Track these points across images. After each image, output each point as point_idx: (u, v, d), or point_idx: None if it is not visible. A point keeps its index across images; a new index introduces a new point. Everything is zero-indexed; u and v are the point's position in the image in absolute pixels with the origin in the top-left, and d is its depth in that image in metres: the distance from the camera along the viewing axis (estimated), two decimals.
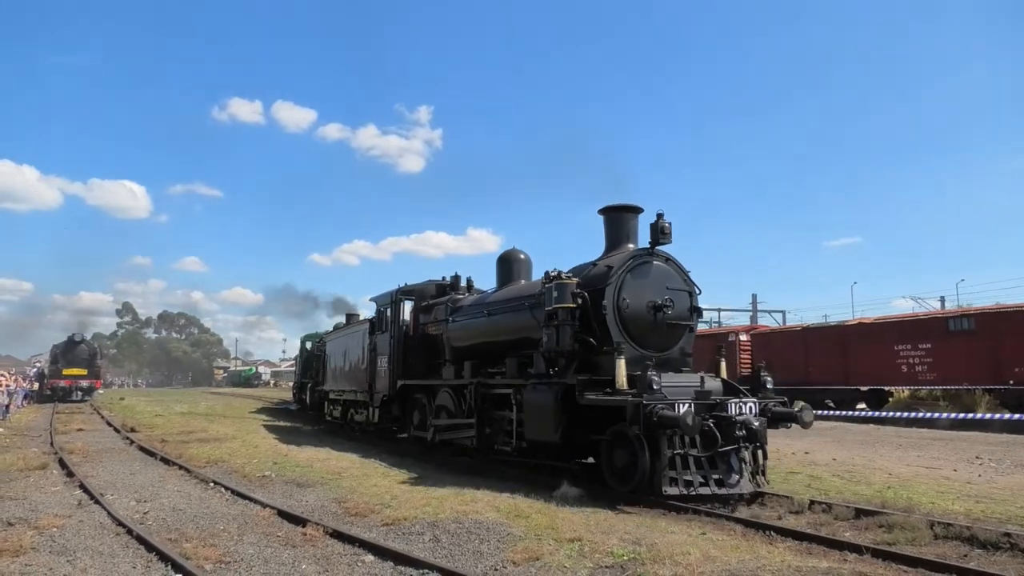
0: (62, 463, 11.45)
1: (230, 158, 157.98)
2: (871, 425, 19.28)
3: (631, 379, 8.45)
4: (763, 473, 8.64)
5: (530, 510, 7.49)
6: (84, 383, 34.81)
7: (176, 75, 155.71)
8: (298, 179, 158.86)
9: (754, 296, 56.27)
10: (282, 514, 7.40)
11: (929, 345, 20.60)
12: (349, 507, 7.78)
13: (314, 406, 22.62)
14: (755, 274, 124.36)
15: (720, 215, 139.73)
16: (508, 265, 12.88)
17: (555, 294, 9.47)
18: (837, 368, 22.97)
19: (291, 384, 36.52)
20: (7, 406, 20.61)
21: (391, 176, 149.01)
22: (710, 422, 8.12)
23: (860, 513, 7.37)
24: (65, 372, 34.58)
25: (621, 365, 8.51)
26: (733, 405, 8.43)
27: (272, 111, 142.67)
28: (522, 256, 12.95)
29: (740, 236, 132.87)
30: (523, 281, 12.24)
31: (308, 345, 26.27)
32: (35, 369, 39.56)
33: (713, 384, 9.30)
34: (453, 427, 11.95)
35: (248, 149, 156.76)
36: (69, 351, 35.56)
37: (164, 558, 5.63)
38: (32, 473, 10.47)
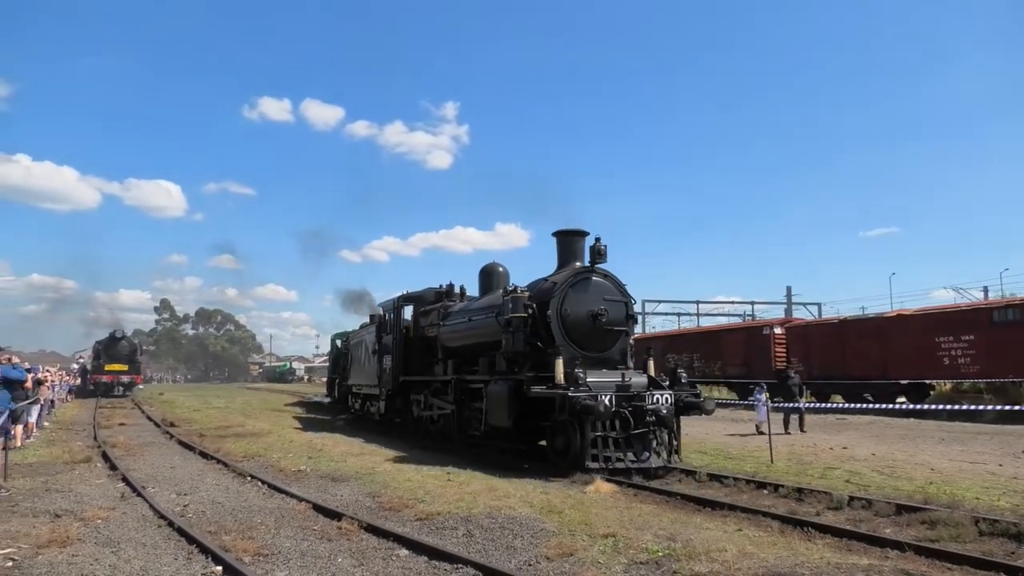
0: (105, 456, 11.76)
1: (261, 156, 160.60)
2: (912, 419, 18.87)
3: (567, 375, 10.01)
4: (677, 452, 10.45)
5: (563, 505, 7.48)
6: (125, 378, 35.76)
7: (207, 75, 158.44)
8: (327, 176, 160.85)
9: (788, 289, 55.41)
10: (318, 508, 7.49)
11: (972, 337, 20.05)
12: (383, 501, 7.85)
13: (341, 399, 23.91)
14: (789, 266, 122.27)
15: (752, 206, 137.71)
16: (488, 277, 14.73)
17: (510, 306, 11.36)
18: (876, 361, 22.50)
19: (324, 380, 37.51)
20: (52, 401, 21.21)
21: (419, 172, 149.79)
22: (627, 410, 9.85)
23: (901, 509, 7.22)
24: (107, 368, 35.55)
25: (559, 364, 10.14)
26: (649, 396, 10.11)
27: (301, 109, 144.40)
28: (500, 269, 14.81)
29: (774, 228, 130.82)
30: (500, 291, 13.24)
31: (338, 343, 27.19)
32: (78, 365, 40.62)
33: (637, 379, 10.83)
34: (440, 416, 13.92)
35: (278, 147, 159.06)
36: (111, 347, 36.50)
37: (204, 550, 5.74)
38: (77, 466, 10.77)
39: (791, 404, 15.66)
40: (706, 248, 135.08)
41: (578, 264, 11.86)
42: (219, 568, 5.29)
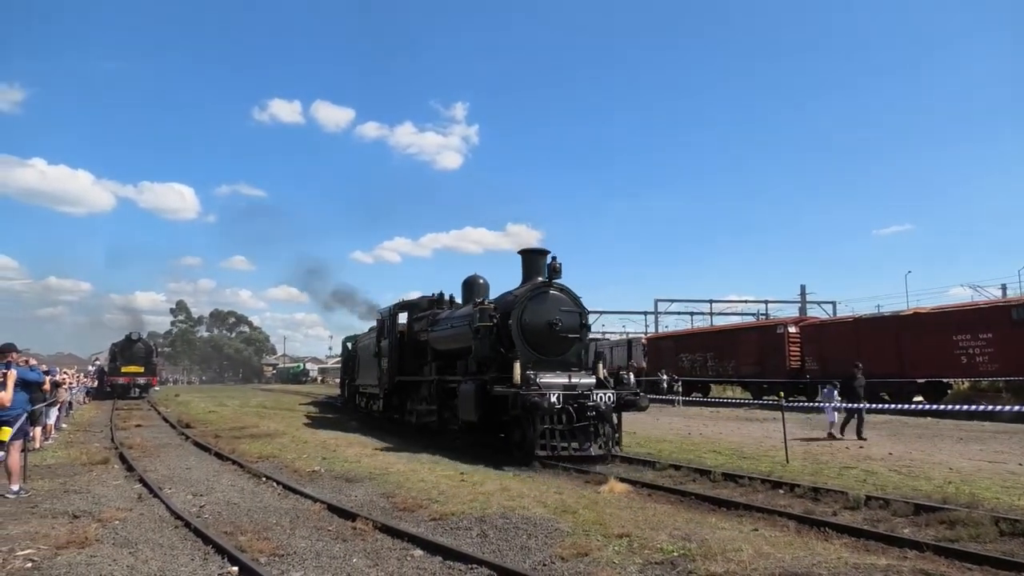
0: (122, 458, 11.87)
1: (273, 158, 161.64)
2: (929, 418, 18.67)
3: (523, 376, 11.49)
4: (617, 443, 11.97)
5: (577, 505, 7.46)
6: (141, 380, 35.99)
7: (217, 77, 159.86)
8: (339, 178, 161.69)
9: (803, 287, 55.11)
10: (332, 508, 7.51)
11: (990, 335, 19.83)
12: (397, 502, 7.86)
13: (351, 399, 25.41)
14: (803, 265, 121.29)
15: (766, 204, 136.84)
16: (470, 288, 16.10)
17: (478, 316, 12.91)
18: (892, 360, 22.28)
19: (337, 380, 38.02)
20: (70, 403, 21.42)
21: (429, 173, 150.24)
22: (572, 407, 11.22)
23: (920, 509, 7.15)
24: (123, 369, 35.78)
25: (516, 366, 11.56)
26: (593, 395, 11.45)
27: (311, 111, 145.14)
28: (480, 281, 16.14)
29: (787, 226, 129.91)
30: (479, 301, 14.54)
31: (348, 346, 28.16)
32: (95, 367, 40.98)
33: (585, 380, 12.17)
34: (426, 412, 15.33)
35: (290, 149, 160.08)
36: (127, 349, 36.76)
37: (220, 551, 5.77)
38: (95, 467, 10.87)
39: (854, 406, 14.32)
40: (719, 247, 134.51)
41: (539, 279, 13.09)
42: (235, 568, 5.32)
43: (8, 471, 8.22)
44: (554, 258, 12.90)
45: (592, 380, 12.32)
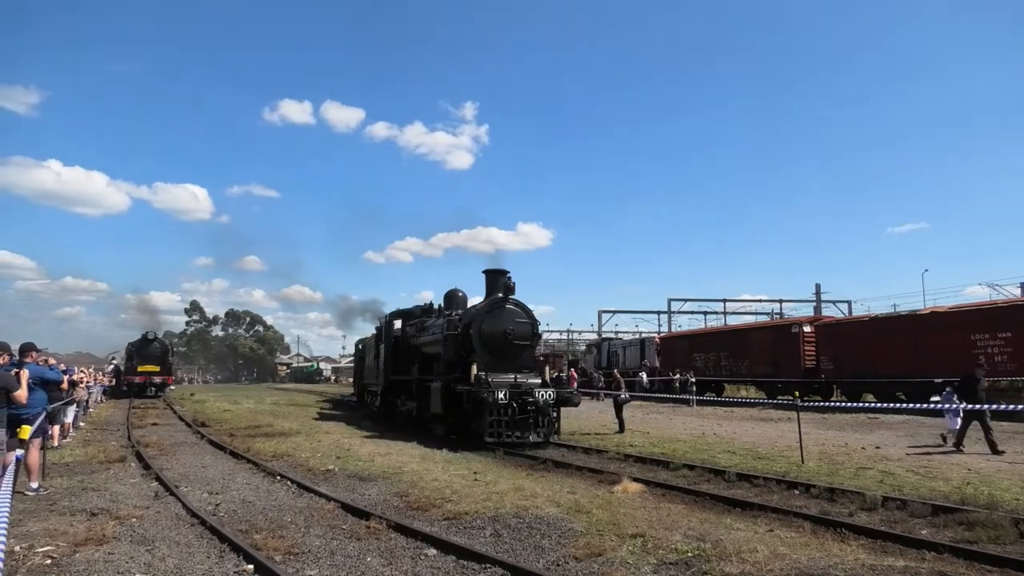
0: (139, 456, 11.98)
1: (284, 159, 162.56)
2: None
3: (477, 377, 13.67)
4: (556, 432, 14.17)
5: (591, 505, 7.44)
6: (157, 379, 36.28)
7: (227, 79, 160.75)
8: (349, 178, 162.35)
9: (818, 286, 54.75)
10: (346, 507, 7.55)
11: (1009, 334, 19.58)
12: (411, 501, 7.88)
13: (359, 396, 27.47)
14: (818, 264, 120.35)
15: (781, 203, 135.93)
16: (450, 300, 18.27)
17: (446, 325, 15.45)
18: (909, 359, 22.05)
19: (350, 380, 38.65)
20: (87, 402, 21.65)
21: (440, 173, 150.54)
22: (515, 402, 13.20)
23: (938, 510, 7.06)
24: (140, 369, 36.08)
25: (473, 368, 13.84)
26: (535, 392, 13.53)
27: (321, 111, 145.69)
28: (460, 294, 18.31)
29: (802, 224, 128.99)
30: (455, 312, 16.79)
31: (359, 347, 30.10)
32: (112, 366, 41.37)
33: (531, 380, 14.36)
34: (412, 406, 17.20)
35: (301, 150, 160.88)
36: (143, 348, 37.07)
37: (236, 548, 5.80)
38: (112, 465, 10.98)
39: (972, 407, 12.01)
40: (733, 246, 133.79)
41: (499, 295, 14.95)
42: (250, 566, 5.35)
43: (27, 469, 8.32)
44: (509, 277, 14.98)
45: (537, 380, 14.43)
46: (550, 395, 13.67)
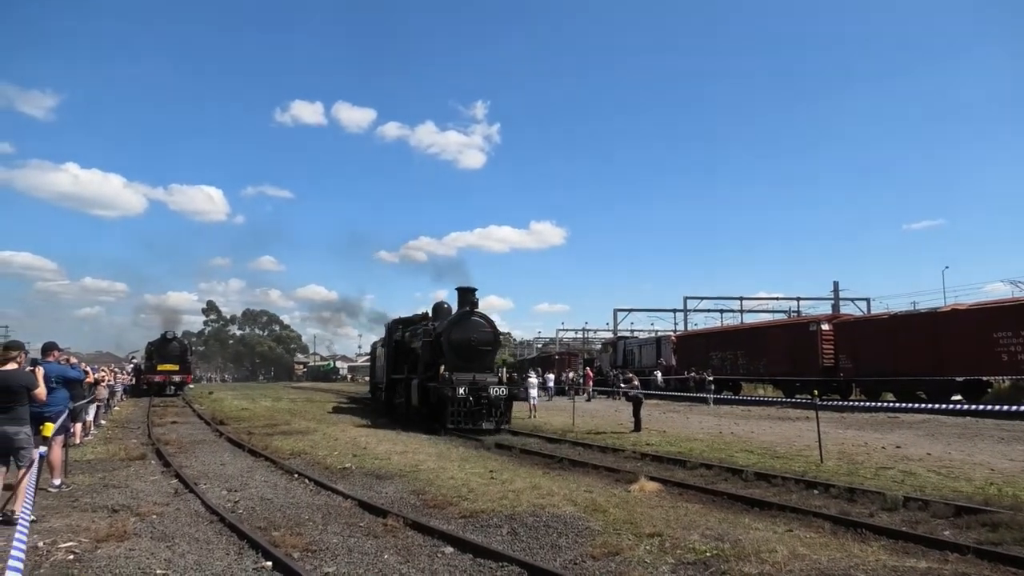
0: (159, 454, 12.11)
1: (297, 159, 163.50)
2: (968, 418, 18.19)
3: (442, 377, 16.47)
4: (508, 422, 16.78)
5: (608, 504, 7.41)
6: (176, 378, 36.68)
7: (239, 80, 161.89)
8: (362, 178, 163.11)
9: (835, 284, 54.27)
10: (363, 505, 7.58)
11: None
12: (427, 499, 7.90)
13: (373, 394, 29.28)
14: (835, 262, 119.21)
15: (798, 200, 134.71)
16: (436, 311, 20.83)
17: (423, 334, 18.63)
18: (929, 358, 21.77)
19: (367, 379, 38.97)
20: (109, 400, 21.92)
21: (452, 172, 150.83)
22: (471, 397, 16.16)
23: (960, 511, 6.96)
24: (159, 368, 36.47)
25: (441, 369, 16.79)
26: (489, 388, 16.38)
27: (333, 112, 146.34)
28: (445, 306, 20.77)
29: (817, 223, 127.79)
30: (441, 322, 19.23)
31: (374, 348, 31.30)
32: (132, 365, 41.83)
33: (490, 379, 16.87)
34: (403, 400, 19.90)
35: (313, 150, 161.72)
36: (162, 348, 37.46)
37: (255, 545, 5.84)
38: (133, 463, 11.12)
39: None
40: (749, 244, 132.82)
41: (467, 308, 17.62)
42: (269, 563, 5.38)
43: (50, 466, 8.43)
44: (474, 292, 17.99)
45: (495, 379, 16.99)
46: (502, 391, 16.55)
